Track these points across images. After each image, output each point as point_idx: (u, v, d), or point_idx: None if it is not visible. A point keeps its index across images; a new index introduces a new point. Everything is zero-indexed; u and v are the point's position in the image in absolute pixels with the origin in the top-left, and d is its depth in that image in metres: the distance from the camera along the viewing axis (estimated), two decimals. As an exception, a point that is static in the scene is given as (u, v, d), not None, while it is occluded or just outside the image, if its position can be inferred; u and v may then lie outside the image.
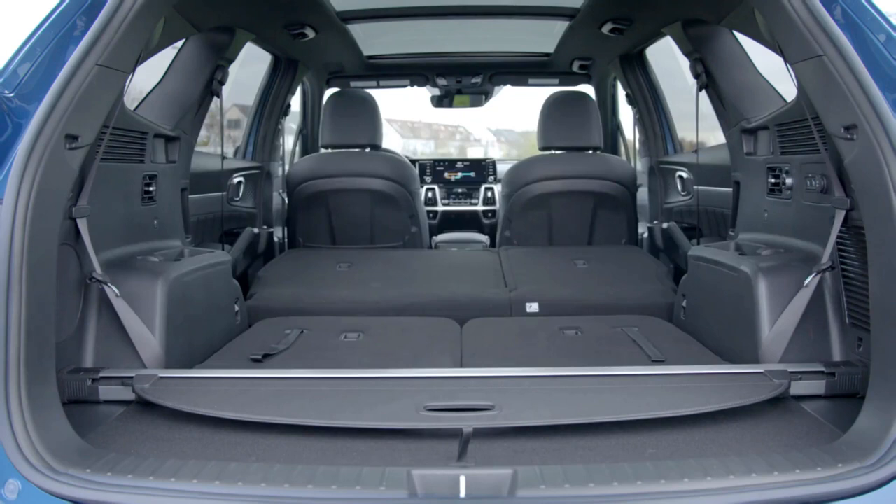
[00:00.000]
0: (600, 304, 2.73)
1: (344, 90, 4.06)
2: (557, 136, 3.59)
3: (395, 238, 3.70)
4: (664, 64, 3.71)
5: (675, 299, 2.67)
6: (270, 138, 3.68)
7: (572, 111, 3.59)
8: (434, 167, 5.19)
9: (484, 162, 5.22)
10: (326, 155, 3.70)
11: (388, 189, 3.59)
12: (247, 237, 3.24)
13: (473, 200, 4.98)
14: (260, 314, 2.67)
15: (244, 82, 3.72)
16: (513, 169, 3.76)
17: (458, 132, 14.86)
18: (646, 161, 3.75)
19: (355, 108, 3.60)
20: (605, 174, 3.54)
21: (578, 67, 4.33)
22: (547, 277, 3.01)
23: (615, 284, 2.90)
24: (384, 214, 3.65)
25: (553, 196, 3.56)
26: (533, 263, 3.22)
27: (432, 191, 4.98)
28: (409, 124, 14.58)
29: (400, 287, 2.91)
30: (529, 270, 3.10)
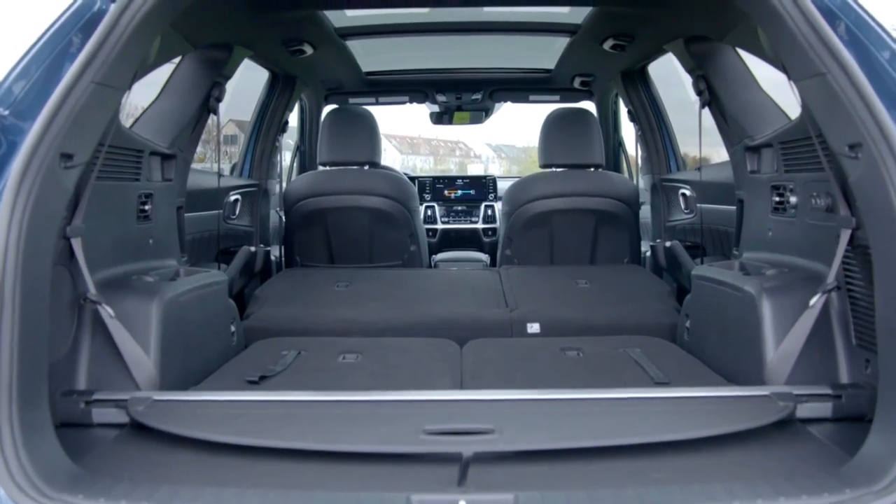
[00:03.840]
0: (602, 325, 2.71)
1: (342, 107, 4.06)
2: (558, 153, 3.59)
3: (394, 257, 3.67)
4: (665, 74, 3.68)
5: (679, 319, 2.65)
6: (268, 155, 3.68)
7: (573, 128, 3.60)
8: (433, 184, 5.18)
9: (484, 179, 5.22)
10: (324, 172, 3.70)
11: (387, 207, 3.59)
12: (243, 256, 3.24)
13: (473, 218, 4.97)
14: (256, 335, 2.65)
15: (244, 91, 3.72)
16: (513, 186, 3.75)
17: (457, 148, 14.92)
18: (648, 178, 3.75)
19: (354, 125, 3.60)
20: (606, 192, 3.54)
21: (580, 84, 4.34)
22: (548, 297, 3.00)
23: (617, 304, 2.88)
24: (383, 233, 3.65)
25: (554, 214, 3.56)
26: (534, 283, 3.20)
27: (431, 209, 4.98)
28: (407, 140, 14.65)
29: (399, 307, 2.89)
30: (530, 290, 3.09)
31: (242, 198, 3.44)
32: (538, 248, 3.64)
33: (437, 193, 5.17)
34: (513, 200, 3.68)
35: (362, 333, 2.67)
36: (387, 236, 3.66)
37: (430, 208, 4.99)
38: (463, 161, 14.86)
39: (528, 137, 18.57)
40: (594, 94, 4.60)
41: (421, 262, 3.80)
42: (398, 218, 3.61)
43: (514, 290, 3.07)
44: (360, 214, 3.59)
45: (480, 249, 4.93)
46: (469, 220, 4.97)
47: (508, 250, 3.68)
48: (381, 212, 3.58)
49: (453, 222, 4.97)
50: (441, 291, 3.15)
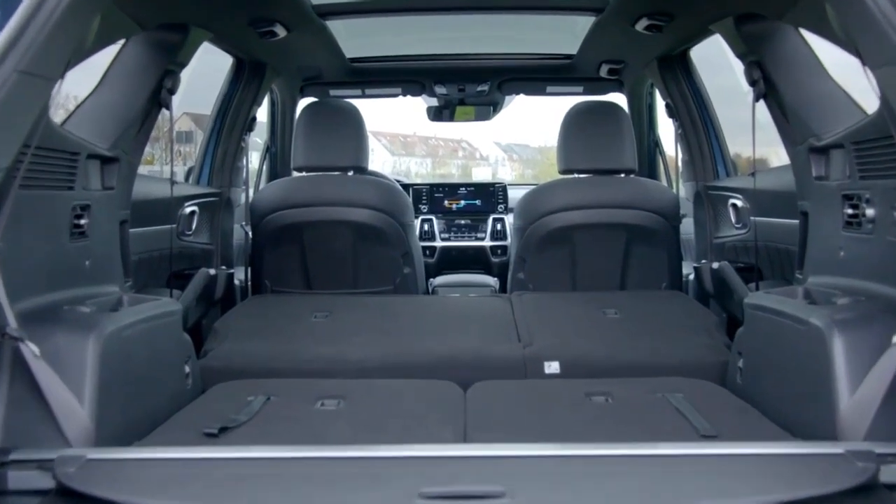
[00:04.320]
0: (636, 364, 2.70)
1: (322, 100, 4.14)
2: (582, 156, 3.59)
3: (383, 281, 3.69)
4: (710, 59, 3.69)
5: (730, 358, 2.63)
6: (231, 159, 3.68)
7: (600, 126, 3.61)
8: (431, 193, 5.20)
9: (492, 187, 5.23)
10: (300, 179, 3.72)
11: (376, 221, 3.59)
12: (201, 280, 3.24)
13: (479, 234, 5.00)
14: (217, 376, 2.63)
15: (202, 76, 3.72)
16: (528, 196, 3.76)
17: (460, 148, 14.88)
18: (691, 186, 3.75)
19: (335, 122, 3.61)
20: (640, 202, 3.54)
21: (607, 72, 4.35)
22: (570, 330, 2.99)
23: (654, 339, 2.87)
24: (370, 252, 3.66)
25: (577, 229, 3.56)
26: (553, 312, 3.20)
27: (429, 222, 5.00)
28: (400, 139, 14.62)
29: (389, 342, 2.88)
30: (548, 321, 3.08)
31: (200, 209, 3.44)
32: (557, 270, 3.64)
33: (435, 204, 5.17)
34: (527, 213, 3.69)
35: (345, 374, 2.66)
36: (375, 256, 3.67)
37: (428, 222, 5.01)
38: (467, 164, 14.81)
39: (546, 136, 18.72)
40: (625, 85, 4.59)
41: (416, 287, 3.81)
42: (389, 234, 3.61)
43: (528, 322, 3.06)
44: (342, 230, 3.60)
45: (488, 272, 4.94)
46: (474, 236, 5.00)
47: (521, 273, 3.68)
48: (369, 227, 3.59)
49: (455, 239, 5.00)
50: (440, 323, 3.14)
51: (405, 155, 13.90)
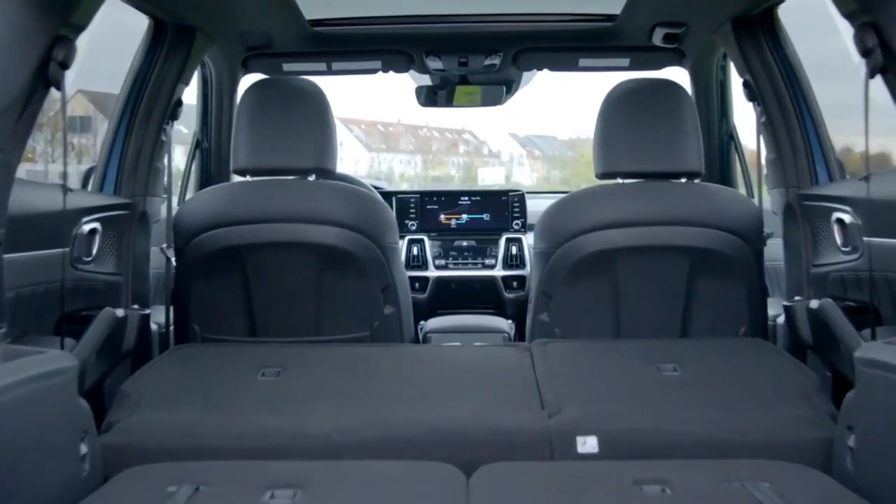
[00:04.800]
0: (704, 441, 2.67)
1: (272, 78, 4.14)
2: (629, 154, 3.61)
3: (356, 325, 3.70)
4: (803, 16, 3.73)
5: (836, 434, 2.59)
6: (147, 157, 3.68)
7: (653, 112, 3.63)
8: (422, 205, 5.24)
9: (506, 196, 5.27)
10: (242, 187, 3.73)
11: (346, 243, 3.60)
12: (104, 325, 3.20)
13: (488, 261, 5.08)
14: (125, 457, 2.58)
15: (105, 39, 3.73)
16: (554, 208, 3.76)
17: (462, 142, 14.69)
18: (779, 195, 3.73)
19: (291, 108, 3.63)
20: (709, 218, 3.55)
21: (663, 39, 4.39)
22: (612, 393, 2.99)
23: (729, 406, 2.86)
24: (339, 286, 3.67)
25: (622, 255, 3.56)
26: (588, 369, 3.21)
27: (419, 245, 5.08)
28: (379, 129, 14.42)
29: (365, 410, 2.88)
30: (582, 381, 3.08)
31: (104, 227, 3.44)
32: (595, 310, 3.65)
33: (428, 219, 5.23)
34: (553, 232, 3.70)
35: (305, 455, 2.64)
36: (345, 291, 3.69)
37: (417, 244, 5.09)
38: (471, 163, 14.52)
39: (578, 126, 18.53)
40: (687, 57, 4.65)
41: (401, 333, 3.82)
42: (364, 261, 3.62)
43: (554, 382, 3.05)
44: (300, 256, 3.61)
45: (499, 312, 5.00)
46: (480, 263, 5.08)
47: (545, 314, 3.68)
48: (336, 251, 3.60)
49: (455, 267, 5.09)
50: (434, 383, 3.15)
51: (386, 150, 13.64)
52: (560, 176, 11.87)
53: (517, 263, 5.06)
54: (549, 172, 12.90)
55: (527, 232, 5.15)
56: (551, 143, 13.38)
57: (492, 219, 5.22)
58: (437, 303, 5.04)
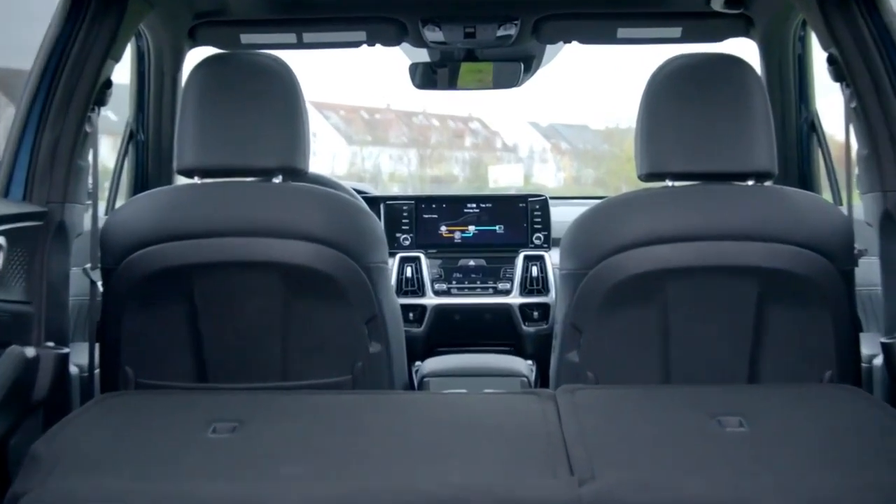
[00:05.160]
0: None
1: (227, 53, 4.10)
2: (680, 149, 3.57)
3: (334, 367, 3.66)
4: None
5: None
6: (66, 153, 3.64)
7: (711, 97, 3.61)
8: (417, 213, 5.32)
9: (524, 202, 5.34)
10: (189, 191, 3.68)
11: (321, 263, 3.55)
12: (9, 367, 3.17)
13: (501, 285, 5.14)
14: None
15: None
16: (587, 218, 3.70)
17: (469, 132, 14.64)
18: (875, 201, 3.67)
19: (251, 91, 3.59)
20: (784, 230, 3.50)
21: (724, 3, 4.39)
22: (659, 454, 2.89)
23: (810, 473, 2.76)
24: (312, 317, 3.61)
25: (672, 278, 3.52)
26: (628, 423, 3.12)
27: (414, 265, 5.14)
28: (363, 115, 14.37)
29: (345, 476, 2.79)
30: (621, 438, 2.99)
31: (10, 242, 3.37)
32: (637, 347, 3.60)
33: (426, 232, 5.31)
34: (585, 247, 3.64)
35: None
36: (319, 324, 3.63)
37: (412, 264, 5.14)
38: (479, 160, 14.39)
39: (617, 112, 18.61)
40: (756, 26, 4.69)
41: (391, 377, 3.78)
42: (343, 284, 3.57)
43: (586, 440, 2.97)
44: (263, 279, 3.56)
45: (516, 350, 5.01)
46: (492, 287, 5.14)
47: (575, 353, 3.64)
48: (309, 272, 3.54)
49: (459, 292, 5.15)
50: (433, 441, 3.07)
51: (372, 143, 13.56)
52: (594, 176, 11.93)
53: (539, 288, 5.06)
54: (579, 171, 12.94)
55: (551, 248, 5.16)
56: (582, 133, 13.40)
57: (506, 231, 5.24)
58: (436, 338, 5.02)
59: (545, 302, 5.02)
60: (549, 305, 5.00)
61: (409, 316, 4.88)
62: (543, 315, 5.01)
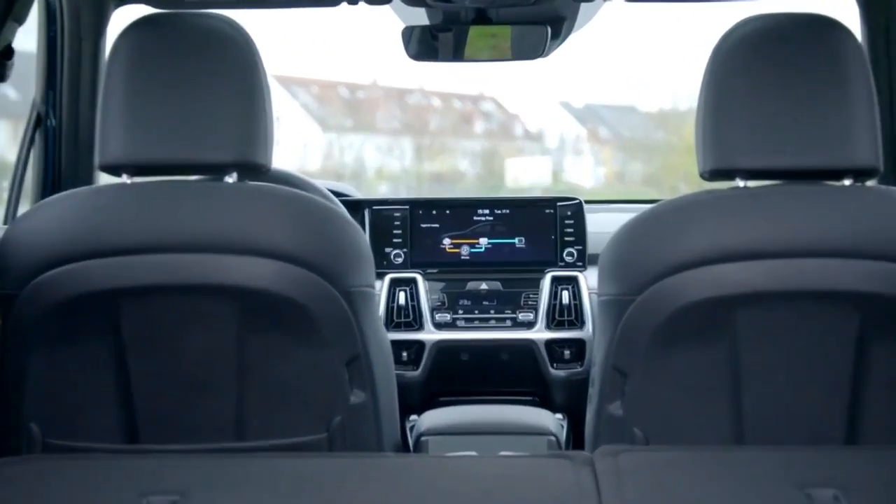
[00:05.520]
0: None
1: (165, 14, 4.06)
2: (755, 140, 3.58)
3: (304, 423, 3.69)
4: None
5: None
6: None
7: (797, 71, 3.64)
8: (413, 222, 5.29)
9: (552, 207, 5.28)
10: (116, 194, 3.68)
11: (288, 286, 3.54)
12: None
13: (522, 314, 5.06)
14: None
15: None
16: (634, 229, 3.66)
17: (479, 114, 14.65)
18: None
19: (197, 63, 3.63)
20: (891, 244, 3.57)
21: None
22: None
23: None
24: (276, 357, 3.65)
25: (746, 306, 3.50)
26: (688, 496, 3.14)
27: (410, 289, 5.08)
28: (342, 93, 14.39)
29: None
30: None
31: None
32: (699, 396, 3.62)
33: (424, 246, 5.27)
34: (632, 266, 3.64)
35: None
36: (285, 366, 3.67)
37: (406, 287, 5.07)
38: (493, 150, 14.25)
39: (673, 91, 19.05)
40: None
41: (378, 435, 3.81)
42: (316, 315, 3.58)
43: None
44: (212, 308, 3.58)
45: (541, 400, 5.04)
46: (510, 318, 5.05)
47: (618, 404, 3.67)
48: (272, 299, 3.54)
49: (467, 325, 5.07)
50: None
51: (354, 129, 13.44)
52: (643, 172, 11.71)
53: (571, 320, 5.00)
54: (624, 166, 12.69)
55: (587, 267, 5.13)
56: (628, 117, 13.25)
57: (529, 245, 5.20)
58: (438, 385, 4.91)
59: (579, 337, 4.90)
60: (584, 342, 4.90)
61: (402, 356, 4.82)
62: (577, 354, 4.93)
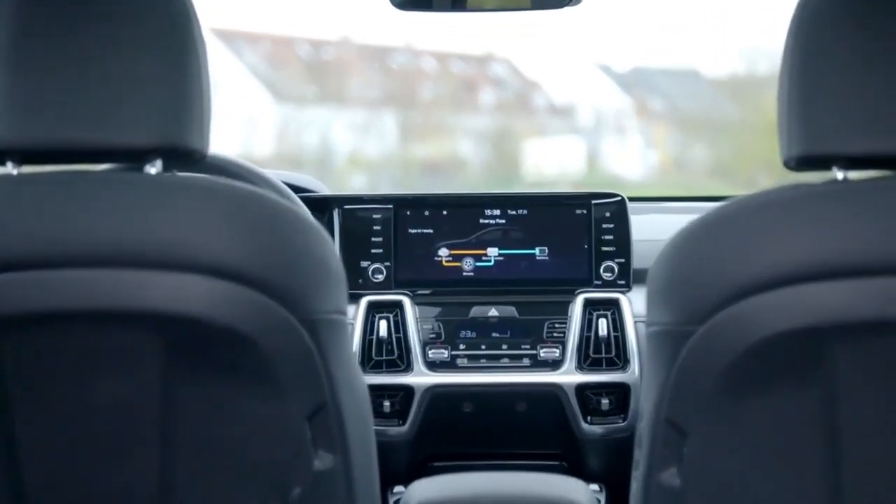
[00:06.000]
0: None
1: None
2: (857, 119, 3.11)
3: (253, 495, 3.33)
4: None
5: None
6: None
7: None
8: (399, 226, 4.87)
9: (585, 206, 4.81)
10: None
11: (230, 313, 3.10)
12: None
13: (545, 350, 4.53)
14: None
15: None
16: (695, 237, 3.13)
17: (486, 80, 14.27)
18: None
19: (106, 18, 3.22)
20: None
21: None
22: None
23: None
24: (214, 408, 3.26)
25: (845, 337, 2.98)
26: None
27: (393, 316, 4.71)
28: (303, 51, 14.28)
29: None
30: None
31: None
32: (784, 460, 3.14)
33: (412, 258, 4.79)
34: (692, 286, 3.10)
35: None
36: (227, 420, 3.27)
37: (391, 314, 4.63)
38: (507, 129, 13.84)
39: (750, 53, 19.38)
40: None
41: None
42: (268, 351, 3.11)
43: None
44: (127, 342, 3.16)
45: (570, 466, 4.71)
46: (527, 353, 4.57)
47: (672, 471, 3.12)
48: (208, 330, 3.10)
49: (471, 364, 4.57)
50: None
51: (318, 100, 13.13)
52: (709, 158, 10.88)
53: (611, 357, 4.35)
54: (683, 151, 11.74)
55: (632, 287, 4.53)
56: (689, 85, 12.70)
57: (554, 257, 4.52)
58: (431, 444, 4.48)
59: (621, 381, 4.29)
60: (627, 388, 4.30)
61: (383, 406, 4.35)
62: (618, 404, 4.31)
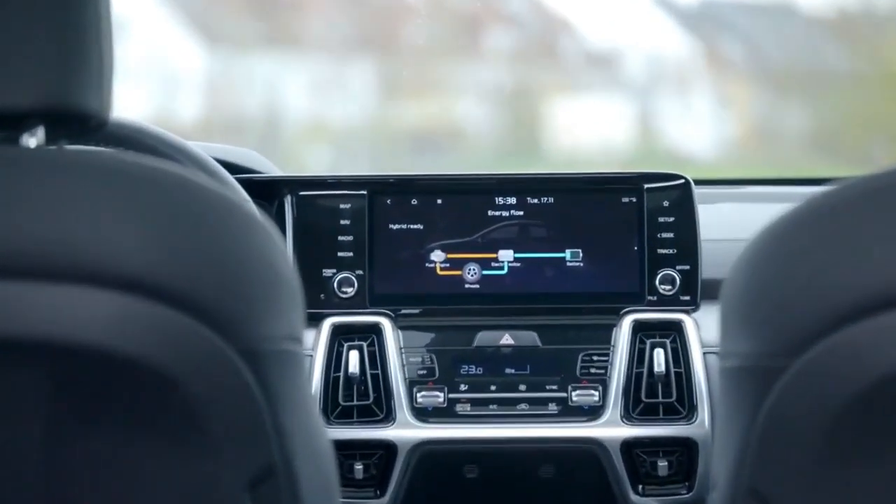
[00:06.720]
0: None
1: None
2: None
3: None
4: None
5: None
6: None
7: None
8: (374, 220, 4.23)
9: (633, 193, 4.10)
10: None
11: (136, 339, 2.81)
12: None
13: (578, 392, 3.96)
14: None
15: None
16: (786, 236, 2.92)
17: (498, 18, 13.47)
18: None
19: None
20: None
21: None
22: None
23: None
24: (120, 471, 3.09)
25: None
26: None
27: (367, 345, 4.08)
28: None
29: None
30: None
31: None
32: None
33: (394, 263, 4.18)
34: (783, 306, 2.81)
35: None
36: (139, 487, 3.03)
37: (365, 342, 4.05)
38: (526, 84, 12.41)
39: None
40: None
41: None
42: (195, 393, 2.83)
43: None
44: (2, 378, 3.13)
45: None
46: (554, 395, 3.95)
47: None
48: (108, 361, 2.75)
49: (476, 411, 3.94)
50: None
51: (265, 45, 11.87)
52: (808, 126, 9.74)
53: (671, 403, 3.70)
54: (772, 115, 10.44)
55: (699, 304, 3.82)
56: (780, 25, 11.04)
57: (591, 262, 3.87)
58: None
59: (686, 436, 3.62)
60: (694, 445, 3.60)
61: (354, 470, 3.69)
62: (682, 468, 3.59)
